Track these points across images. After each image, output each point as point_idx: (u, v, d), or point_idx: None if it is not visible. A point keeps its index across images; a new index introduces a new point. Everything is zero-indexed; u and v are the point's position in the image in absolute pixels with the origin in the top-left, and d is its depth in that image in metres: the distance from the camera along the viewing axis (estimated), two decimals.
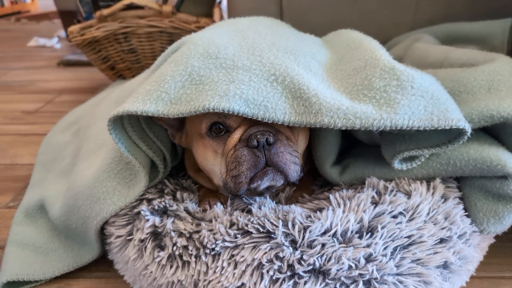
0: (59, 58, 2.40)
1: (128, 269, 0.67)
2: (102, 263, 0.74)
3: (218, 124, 0.62)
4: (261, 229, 0.58)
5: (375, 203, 0.61)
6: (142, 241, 0.63)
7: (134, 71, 1.68)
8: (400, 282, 0.54)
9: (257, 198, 0.66)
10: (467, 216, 0.63)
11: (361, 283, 0.53)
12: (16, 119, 1.50)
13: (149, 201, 0.67)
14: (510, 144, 0.61)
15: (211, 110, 0.56)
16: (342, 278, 0.53)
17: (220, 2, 2.12)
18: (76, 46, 1.53)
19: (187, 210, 0.66)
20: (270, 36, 0.72)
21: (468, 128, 0.55)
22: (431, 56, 0.83)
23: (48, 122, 1.46)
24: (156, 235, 0.63)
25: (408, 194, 0.63)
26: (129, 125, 0.65)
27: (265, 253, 0.56)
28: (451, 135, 0.58)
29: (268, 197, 0.67)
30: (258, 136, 0.58)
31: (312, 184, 0.78)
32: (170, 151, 0.73)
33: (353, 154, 0.76)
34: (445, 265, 0.58)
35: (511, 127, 0.59)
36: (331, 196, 0.64)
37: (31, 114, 1.56)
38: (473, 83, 0.65)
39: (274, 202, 0.67)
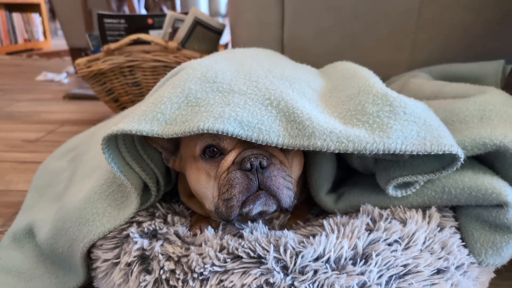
0: (66, 92, 2.45)
1: None
2: None
3: (212, 147, 0.63)
4: (252, 254, 0.56)
5: (369, 230, 0.60)
6: (129, 264, 0.61)
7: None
8: None
9: (249, 223, 0.65)
10: (464, 246, 0.61)
11: None
12: (16, 147, 1.51)
13: (139, 223, 0.66)
14: (505, 173, 0.61)
15: (206, 131, 0.56)
16: None
17: (226, 46, 2.21)
18: (82, 78, 1.57)
19: (177, 234, 0.65)
20: (267, 64, 0.74)
21: (461, 153, 0.55)
22: (427, 90, 0.85)
23: (48, 151, 1.46)
24: (144, 259, 0.61)
25: (404, 222, 0.61)
26: (123, 145, 0.65)
27: (255, 278, 0.54)
28: (445, 162, 0.58)
29: (260, 222, 0.66)
30: (252, 159, 0.58)
31: (308, 213, 0.77)
32: (164, 176, 0.73)
33: (349, 183, 0.75)
34: None
35: (504, 156, 0.59)
36: (324, 222, 0.62)
37: (31, 142, 1.57)
38: (465, 113, 0.66)
39: (267, 227, 0.66)
